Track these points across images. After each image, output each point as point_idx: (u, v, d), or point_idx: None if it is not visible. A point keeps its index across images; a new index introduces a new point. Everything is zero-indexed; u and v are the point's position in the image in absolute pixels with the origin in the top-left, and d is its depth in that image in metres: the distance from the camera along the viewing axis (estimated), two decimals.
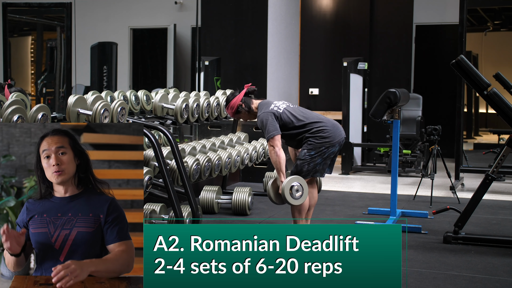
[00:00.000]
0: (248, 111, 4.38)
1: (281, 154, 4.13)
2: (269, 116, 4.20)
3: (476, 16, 11.80)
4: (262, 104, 4.33)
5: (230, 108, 4.40)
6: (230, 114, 4.45)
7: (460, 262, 4.07)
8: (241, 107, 4.36)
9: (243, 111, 4.38)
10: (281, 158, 4.11)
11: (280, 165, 4.12)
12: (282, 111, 4.25)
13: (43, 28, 12.10)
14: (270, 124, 4.17)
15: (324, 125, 4.23)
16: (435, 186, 6.71)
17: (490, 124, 13.04)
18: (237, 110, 4.38)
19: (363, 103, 8.54)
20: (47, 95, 10.87)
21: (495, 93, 4.47)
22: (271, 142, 4.15)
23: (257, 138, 6.46)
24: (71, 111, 4.03)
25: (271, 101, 4.37)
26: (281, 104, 4.32)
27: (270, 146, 4.16)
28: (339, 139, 4.24)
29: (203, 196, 5.53)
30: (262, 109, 4.28)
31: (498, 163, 4.50)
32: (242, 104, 4.35)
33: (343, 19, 9.69)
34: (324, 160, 4.24)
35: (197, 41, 9.10)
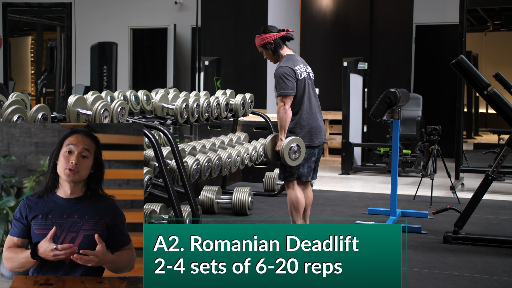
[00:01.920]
0: (273, 52, 4.32)
1: (289, 114, 4.14)
2: (291, 73, 4.18)
3: (476, 16, 11.80)
4: (289, 57, 4.28)
5: (260, 39, 4.32)
6: (257, 43, 4.37)
7: (460, 262, 4.07)
8: (270, 45, 4.30)
9: (269, 49, 4.32)
10: (288, 117, 4.13)
11: (285, 124, 4.13)
12: (300, 79, 4.24)
13: (43, 28, 12.10)
14: (290, 81, 4.15)
15: (309, 123, 4.23)
16: (435, 186, 6.71)
17: (490, 124, 13.04)
18: (265, 45, 4.31)
19: (363, 103, 8.54)
20: (47, 95, 10.87)
21: (495, 93, 4.47)
22: (284, 99, 4.14)
23: (257, 138, 6.46)
24: (71, 111, 4.03)
25: (298, 60, 4.31)
26: (304, 72, 4.27)
27: (281, 102, 4.15)
28: (318, 142, 4.27)
29: (203, 196, 5.53)
30: (288, 62, 4.23)
31: (498, 163, 4.50)
32: (273, 44, 4.30)
33: (343, 19, 9.69)
34: (306, 162, 4.25)
35: (197, 41, 9.10)
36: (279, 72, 4.19)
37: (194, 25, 10.53)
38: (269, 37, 4.30)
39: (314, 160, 4.33)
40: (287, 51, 4.35)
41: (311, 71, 4.43)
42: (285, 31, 4.32)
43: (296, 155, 4.12)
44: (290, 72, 4.18)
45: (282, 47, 4.33)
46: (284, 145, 4.10)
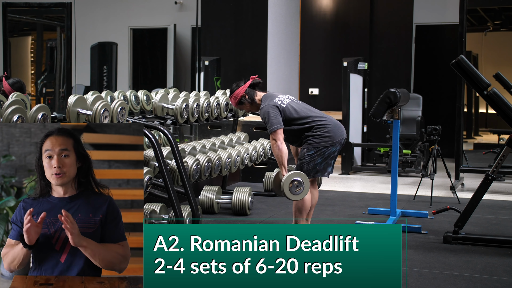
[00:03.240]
0: (251, 102, 4.37)
1: (283, 148, 4.12)
2: (272, 109, 4.19)
3: (476, 16, 11.80)
4: (266, 97, 4.32)
5: (233, 98, 4.39)
6: (233, 104, 4.44)
7: (460, 262, 4.07)
8: (244, 98, 4.35)
9: (246, 102, 4.37)
10: (283, 152, 4.11)
11: (282, 159, 4.11)
12: (285, 105, 4.24)
13: (43, 28, 12.10)
14: (273, 117, 4.16)
15: (326, 123, 4.22)
16: (435, 186, 6.71)
17: (490, 124, 13.04)
18: (240, 101, 4.36)
19: (363, 103, 8.54)
20: (47, 95, 10.87)
21: (495, 93, 4.47)
22: (274, 136, 4.14)
23: (257, 138, 6.46)
24: (71, 111, 4.03)
25: (275, 94, 4.35)
26: (285, 98, 4.31)
27: (273, 139, 4.15)
28: (339, 139, 4.23)
29: (203, 196, 5.53)
30: (266, 101, 4.26)
31: (498, 163, 4.49)
32: (245, 95, 4.34)
33: (343, 19, 9.68)
34: (325, 160, 4.23)
35: (197, 41, 9.10)
36: (262, 113, 4.24)
37: (194, 25, 10.52)
38: (239, 92, 4.37)
39: (332, 157, 4.30)
40: (262, 94, 4.39)
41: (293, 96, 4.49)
42: (250, 80, 4.37)
43: (299, 189, 4.07)
44: (271, 108, 4.21)
45: (255, 94, 4.39)
46: (283, 180, 4.07)
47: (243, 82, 4.39)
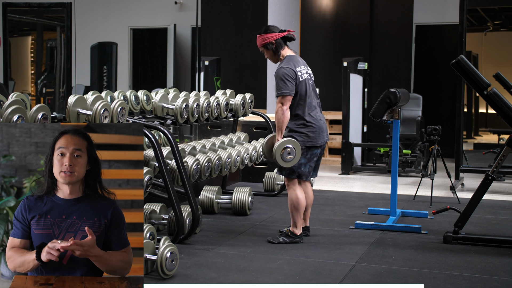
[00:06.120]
0: (274, 52, 4.34)
1: (287, 114, 4.15)
2: (291, 74, 4.18)
3: (476, 16, 11.81)
4: (290, 59, 4.29)
5: (262, 39, 4.34)
6: (258, 43, 4.38)
7: (460, 262, 4.07)
8: (271, 45, 4.31)
9: (270, 49, 4.33)
10: (286, 118, 4.14)
11: (283, 124, 4.14)
12: (302, 80, 4.24)
13: (43, 28, 12.10)
14: (290, 82, 4.17)
15: (313, 123, 4.25)
16: (435, 186, 6.71)
17: (490, 124, 13.05)
18: (266, 45, 4.32)
19: (363, 103, 8.54)
20: (47, 95, 10.88)
21: (495, 93, 4.47)
22: (282, 100, 4.15)
23: (257, 138, 6.46)
24: (71, 111, 4.02)
25: (298, 62, 4.32)
26: (304, 73, 4.28)
27: (280, 103, 4.16)
28: (321, 142, 4.30)
29: (203, 196, 5.53)
30: (289, 63, 4.24)
31: (498, 163, 4.49)
32: (274, 44, 4.31)
33: (343, 19, 9.68)
34: (308, 162, 4.26)
35: (197, 41, 9.10)
36: (280, 72, 4.19)
37: (194, 25, 10.52)
38: (270, 37, 4.30)
39: (316, 160, 4.34)
40: (288, 52, 4.34)
41: (311, 72, 4.43)
42: (286, 32, 4.32)
43: (289, 156, 4.09)
44: (291, 73, 4.18)
45: (283, 48, 4.33)
46: (277, 145, 4.09)
47: (279, 30, 4.34)
